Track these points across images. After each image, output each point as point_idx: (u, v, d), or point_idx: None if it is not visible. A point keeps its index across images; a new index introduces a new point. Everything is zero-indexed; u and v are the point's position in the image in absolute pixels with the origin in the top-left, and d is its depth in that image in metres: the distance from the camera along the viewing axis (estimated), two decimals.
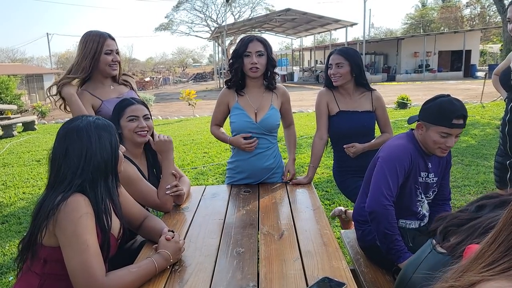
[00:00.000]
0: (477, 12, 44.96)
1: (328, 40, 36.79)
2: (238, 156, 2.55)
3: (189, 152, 7.27)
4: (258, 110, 2.49)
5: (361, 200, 2.14)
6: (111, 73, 2.46)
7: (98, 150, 1.44)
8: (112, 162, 1.49)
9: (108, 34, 2.43)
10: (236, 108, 2.50)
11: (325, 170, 5.58)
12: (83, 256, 1.29)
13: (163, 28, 46.83)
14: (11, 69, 24.68)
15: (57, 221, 1.31)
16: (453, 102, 1.81)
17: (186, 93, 13.35)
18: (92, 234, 1.33)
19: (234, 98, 2.52)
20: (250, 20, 28.48)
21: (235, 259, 1.58)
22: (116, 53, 2.45)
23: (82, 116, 1.51)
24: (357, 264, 2.14)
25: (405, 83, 23.33)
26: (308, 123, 9.59)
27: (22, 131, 11.19)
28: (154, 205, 2.06)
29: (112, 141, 1.49)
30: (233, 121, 2.51)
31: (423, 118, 1.89)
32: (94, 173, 1.42)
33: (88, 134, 1.43)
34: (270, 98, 2.54)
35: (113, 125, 1.55)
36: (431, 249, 1.36)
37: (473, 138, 7.11)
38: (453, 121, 1.78)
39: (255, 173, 2.53)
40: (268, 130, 2.50)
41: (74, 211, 1.31)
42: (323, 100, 2.65)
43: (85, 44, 2.36)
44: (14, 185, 5.66)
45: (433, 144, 1.86)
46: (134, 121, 2.08)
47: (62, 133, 1.45)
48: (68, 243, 1.30)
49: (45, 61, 56.48)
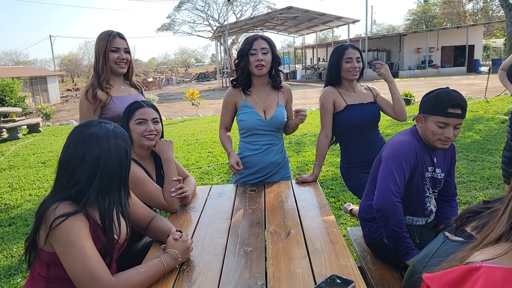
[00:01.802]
0: (480, 7, 44.72)
1: (330, 37, 36.71)
2: (246, 152, 2.58)
3: (194, 152, 7.29)
4: (266, 108, 2.52)
5: (366, 198, 2.14)
6: (118, 71, 2.50)
7: (116, 160, 1.43)
8: (126, 172, 1.49)
9: (118, 33, 2.50)
10: (245, 107, 2.51)
11: (330, 168, 5.57)
12: (83, 261, 1.28)
13: (165, 28, 46.84)
14: (15, 71, 24.79)
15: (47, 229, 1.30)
16: (450, 92, 1.81)
17: (190, 93, 13.35)
18: (86, 238, 1.32)
19: (242, 97, 2.53)
20: (252, 19, 28.44)
21: (242, 258, 1.59)
22: (126, 52, 2.50)
23: (99, 123, 1.48)
24: (364, 261, 2.14)
25: (408, 80, 23.24)
26: (311, 121, 9.58)
27: (27, 134, 11.24)
28: (161, 206, 2.07)
29: (127, 151, 1.48)
30: (243, 119, 2.52)
31: (421, 110, 1.91)
32: (110, 183, 1.41)
33: (108, 142, 1.42)
34: (276, 96, 2.57)
35: (126, 133, 1.54)
36: (444, 239, 1.35)
37: (478, 134, 7.08)
38: (449, 109, 1.77)
39: (262, 168, 2.56)
40: (276, 127, 2.54)
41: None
42: (330, 98, 2.64)
43: (97, 44, 2.47)
44: (20, 187, 5.69)
45: (432, 135, 1.85)
46: (142, 124, 2.08)
47: (80, 137, 1.42)
48: (65, 252, 1.29)
49: (48, 63, 56.74)
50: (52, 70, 37.71)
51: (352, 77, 2.60)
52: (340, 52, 2.61)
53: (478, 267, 0.75)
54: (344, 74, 2.61)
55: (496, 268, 0.74)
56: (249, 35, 2.54)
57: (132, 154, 2.02)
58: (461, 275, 0.76)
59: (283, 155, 2.62)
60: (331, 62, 2.66)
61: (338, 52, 2.63)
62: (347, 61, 2.57)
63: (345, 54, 2.58)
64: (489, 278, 0.72)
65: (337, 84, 2.66)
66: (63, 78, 45.72)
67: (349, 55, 2.57)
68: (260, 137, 2.53)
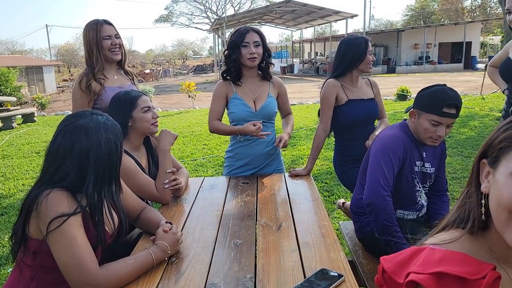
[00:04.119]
0: (478, 4, 44.68)
1: (328, 32, 36.59)
2: (238, 143, 2.57)
3: (189, 144, 7.26)
4: (257, 99, 2.52)
5: (358, 191, 2.13)
6: (114, 58, 2.49)
7: (106, 153, 1.40)
8: (117, 166, 1.46)
9: (104, 20, 2.48)
10: (234, 99, 2.51)
11: (325, 161, 5.57)
12: (72, 250, 1.26)
13: (163, 19, 46.61)
14: (11, 61, 24.61)
15: (40, 215, 1.29)
16: (447, 91, 1.79)
17: (186, 85, 13.32)
18: (78, 228, 1.30)
19: (232, 89, 2.53)
20: (250, 12, 28.30)
21: (232, 250, 1.58)
22: (117, 38, 2.49)
23: (91, 114, 1.45)
24: (355, 255, 2.14)
25: (405, 75, 23.26)
26: (308, 115, 9.57)
27: (22, 123, 11.18)
28: (153, 197, 2.06)
29: (118, 145, 1.45)
30: (233, 111, 2.52)
31: (416, 105, 1.89)
32: (100, 176, 1.39)
33: (97, 136, 1.39)
34: (267, 87, 2.57)
35: (119, 126, 1.51)
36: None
37: (472, 130, 7.10)
38: (444, 109, 1.76)
39: (255, 159, 2.56)
40: (267, 117, 2.54)
41: (55, 207, 1.28)
42: (333, 92, 2.57)
43: (85, 35, 2.44)
44: (14, 177, 5.66)
45: (424, 132, 1.85)
46: (148, 111, 2.07)
47: (69, 128, 1.39)
48: (54, 239, 1.27)
49: (44, 53, 56.38)
50: (48, 60, 37.47)
51: (369, 70, 2.57)
52: (365, 44, 2.51)
53: (423, 247, 0.84)
54: (363, 67, 2.54)
55: (437, 249, 0.82)
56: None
57: (124, 145, 2.01)
58: (410, 255, 0.85)
59: (275, 147, 2.60)
60: (351, 53, 2.53)
61: (360, 44, 2.51)
62: (370, 53, 2.53)
63: (368, 47, 2.52)
64: (429, 256, 0.81)
65: (342, 77, 2.60)
66: (60, 68, 45.39)
67: (370, 48, 2.53)
68: None
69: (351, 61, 2.53)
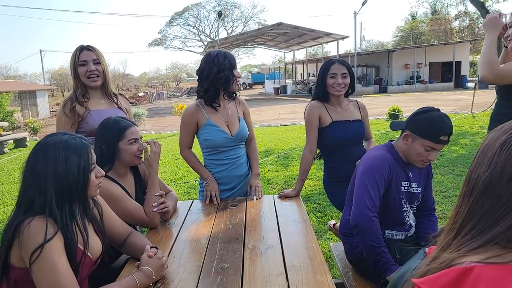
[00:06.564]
0: (466, 24, 45.63)
1: (320, 53, 37.12)
2: (215, 168, 2.55)
3: (182, 166, 7.24)
4: (229, 123, 2.51)
5: (346, 213, 2.13)
6: (90, 85, 2.46)
7: (64, 172, 1.36)
8: (78, 186, 1.41)
9: (86, 46, 2.46)
10: (208, 125, 2.46)
11: (317, 182, 5.57)
12: (53, 278, 1.25)
13: (156, 43, 47.05)
14: (4, 86, 24.58)
15: (22, 244, 1.27)
16: (444, 119, 1.83)
17: (179, 107, 13.37)
18: (60, 254, 1.29)
19: (204, 115, 2.47)
20: (242, 35, 28.71)
21: (219, 275, 1.56)
22: (96, 64, 2.45)
23: (62, 133, 1.45)
24: (345, 277, 2.12)
25: (396, 95, 23.51)
26: (300, 135, 9.60)
27: (13, 148, 11.10)
28: (142, 222, 2.04)
29: (80, 165, 1.40)
30: (208, 138, 2.47)
31: (411, 129, 1.89)
32: (58, 195, 1.36)
33: (54, 153, 1.37)
34: (235, 109, 2.57)
35: (88, 146, 1.46)
36: (424, 255, 1.34)
37: (463, 148, 7.14)
38: (441, 137, 1.81)
39: (237, 182, 2.58)
40: (242, 141, 2.58)
41: (37, 235, 1.27)
42: (316, 113, 2.61)
43: (70, 61, 2.45)
44: (4, 203, 5.59)
45: (416, 156, 1.87)
46: (134, 143, 2.07)
47: (35, 147, 1.41)
48: (37, 267, 1.26)
49: (38, 78, 56.41)
50: (42, 85, 37.53)
51: (336, 93, 2.56)
52: (325, 68, 2.59)
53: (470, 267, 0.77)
54: (329, 90, 2.58)
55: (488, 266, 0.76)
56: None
57: (111, 172, 2.01)
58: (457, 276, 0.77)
59: (248, 167, 2.65)
60: (318, 78, 2.66)
61: (323, 68, 2.61)
62: (332, 76, 2.54)
63: (330, 70, 2.55)
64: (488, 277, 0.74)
65: (325, 99, 2.63)
66: (53, 92, 45.44)
67: (334, 71, 2.54)
68: (227, 152, 2.53)
69: (321, 85, 2.62)
